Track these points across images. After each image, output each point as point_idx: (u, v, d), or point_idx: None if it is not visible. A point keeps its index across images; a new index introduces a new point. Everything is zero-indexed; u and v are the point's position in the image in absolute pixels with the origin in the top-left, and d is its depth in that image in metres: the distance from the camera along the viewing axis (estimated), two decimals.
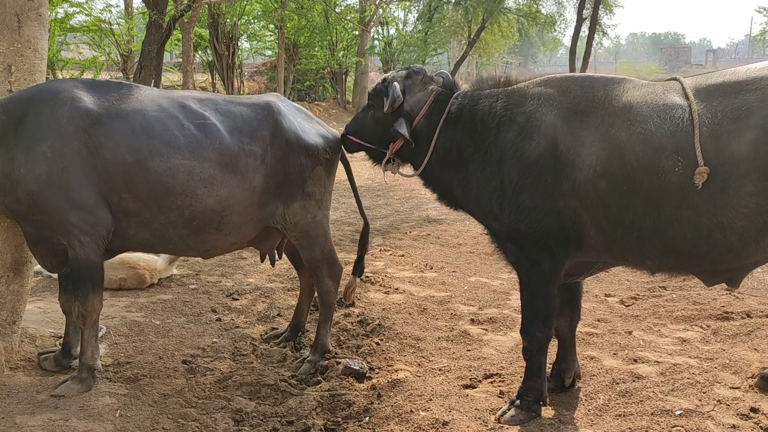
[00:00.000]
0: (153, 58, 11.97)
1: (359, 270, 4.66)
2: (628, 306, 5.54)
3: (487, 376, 4.11)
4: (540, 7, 26.20)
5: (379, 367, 4.31)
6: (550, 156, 3.28)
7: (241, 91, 23.06)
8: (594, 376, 4.06)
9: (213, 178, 3.90)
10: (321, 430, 3.64)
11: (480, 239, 7.85)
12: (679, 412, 3.52)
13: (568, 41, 25.97)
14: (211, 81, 23.50)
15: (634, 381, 3.93)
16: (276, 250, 4.65)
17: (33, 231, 3.86)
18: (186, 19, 13.64)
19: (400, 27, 30.28)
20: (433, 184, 3.86)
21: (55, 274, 4.25)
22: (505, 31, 27.68)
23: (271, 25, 24.72)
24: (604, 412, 3.62)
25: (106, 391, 3.87)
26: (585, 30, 22.43)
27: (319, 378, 4.23)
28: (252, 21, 24.55)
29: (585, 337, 4.65)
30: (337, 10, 25.23)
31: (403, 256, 7.07)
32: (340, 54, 26.70)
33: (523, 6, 26.54)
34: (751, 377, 3.91)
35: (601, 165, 3.17)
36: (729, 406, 3.62)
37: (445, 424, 3.47)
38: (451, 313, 5.29)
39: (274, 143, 4.10)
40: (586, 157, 3.21)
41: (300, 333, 4.86)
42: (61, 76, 15.94)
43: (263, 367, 4.37)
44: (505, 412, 3.55)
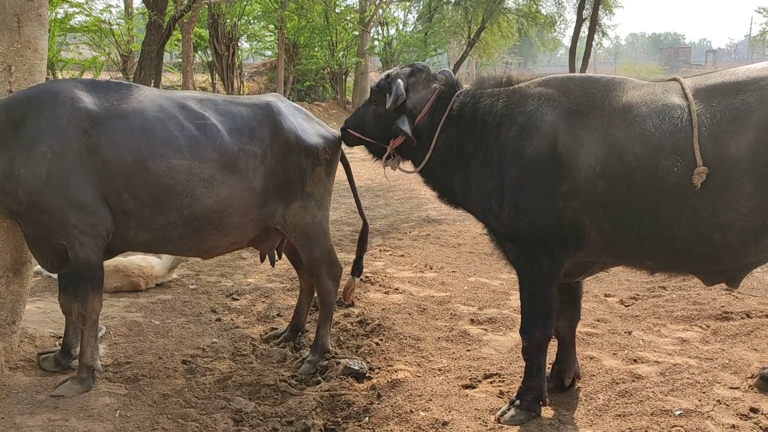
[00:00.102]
0: (153, 59, 11.98)
1: (358, 270, 4.67)
2: (627, 306, 5.54)
3: (486, 376, 4.11)
4: (540, 7, 26.21)
5: (379, 367, 4.31)
6: (550, 156, 3.28)
7: (241, 92, 23.05)
8: (594, 376, 4.06)
9: (213, 179, 3.90)
10: (321, 430, 3.65)
11: (480, 239, 7.85)
12: (678, 412, 3.52)
13: (567, 41, 26.02)
14: (210, 81, 23.50)
15: (634, 381, 3.93)
16: (276, 251, 4.65)
17: (33, 231, 3.86)
18: (186, 20, 13.66)
19: (400, 27, 30.30)
20: (433, 182, 3.86)
21: (54, 274, 4.25)
22: (504, 32, 27.68)
23: (271, 26, 24.72)
24: (604, 412, 3.62)
25: (105, 391, 3.87)
26: (585, 30, 22.46)
27: (319, 378, 4.23)
28: (252, 21, 24.54)
29: (585, 337, 4.65)
30: (336, 11, 25.22)
31: (402, 256, 7.07)
32: (340, 54, 26.69)
33: (522, 6, 26.54)
34: (751, 377, 3.91)
35: (601, 165, 3.18)
36: (728, 406, 3.62)
37: (444, 424, 3.47)
38: (451, 314, 5.29)
39: (274, 143, 4.10)
40: (585, 158, 3.21)
41: (300, 333, 4.87)
42: (61, 77, 15.95)
43: (263, 368, 4.37)
44: (504, 412, 3.54)
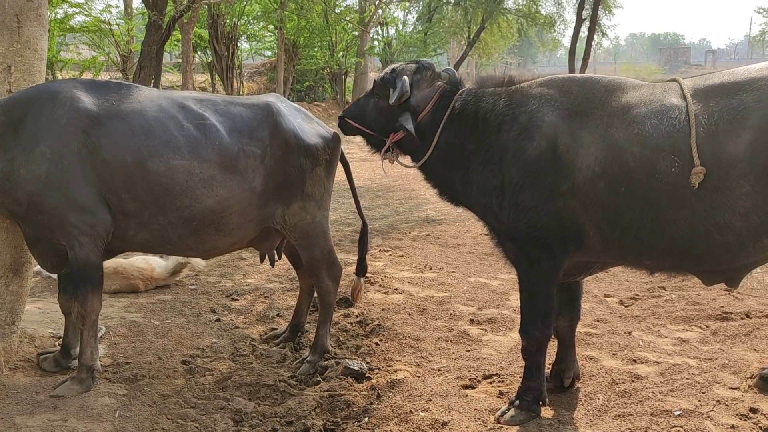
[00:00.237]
0: (152, 59, 11.99)
1: (362, 270, 4.67)
2: (627, 306, 5.54)
3: (486, 377, 4.11)
4: (539, 7, 26.24)
5: (379, 368, 4.31)
6: (550, 156, 3.28)
7: (241, 92, 23.04)
8: (593, 376, 4.06)
9: (212, 179, 3.90)
10: (320, 430, 3.64)
11: (479, 240, 7.85)
12: (678, 413, 3.53)
13: (567, 42, 26.02)
14: (210, 81, 23.49)
15: (634, 381, 3.93)
16: (275, 251, 4.65)
17: (32, 232, 3.86)
18: (185, 20, 13.66)
19: (400, 27, 30.32)
20: (434, 179, 3.87)
21: (54, 274, 4.25)
22: (504, 32, 27.68)
23: (271, 26, 24.72)
24: (604, 413, 3.62)
25: (105, 391, 3.87)
26: (584, 30, 22.48)
27: (319, 378, 4.23)
28: (251, 21, 24.54)
29: (584, 337, 4.65)
30: (336, 11, 25.20)
31: (402, 256, 7.07)
32: (340, 54, 26.68)
33: (522, 6, 26.56)
34: (751, 377, 3.91)
35: (600, 165, 3.19)
36: (728, 406, 3.62)
37: (444, 424, 3.47)
38: (451, 314, 5.29)
39: (273, 144, 4.10)
40: (585, 158, 3.22)
41: (299, 333, 4.86)
42: (60, 77, 15.95)
43: (262, 368, 4.37)
44: (504, 413, 3.54)
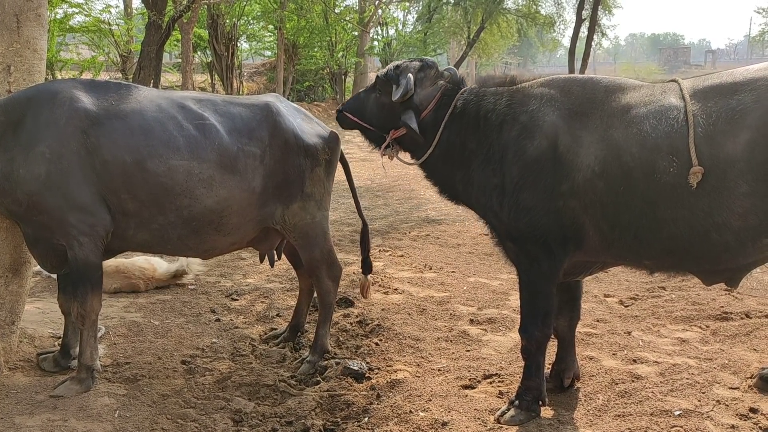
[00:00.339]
0: (152, 59, 11.99)
1: (367, 268, 4.68)
2: (627, 306, 5.54)
3: (486, 377, 4.11)
4: (539, 7, 26.25)
5: (379, 368, 4.31)
6: (550, 156, 3.30)
7: (241, 92, 23.04)
8: (593, 376, 4.06)
9: (212, 179, 3.90)
10: (320, 430, 3.64)
11: (479, 240, 7.86)
12: (678, 413, 3.52)
13: (567, 42, 26.01)
14: (210, 81, 23.50)
15: (634, 381, 3.93)
16: (275, 251, 4.65)
17: (32, 232, 3.85)
18: (185, 20, 13.66)
19: (400, 28, 30.32)
20: (434, 177, 3.88)
21: (54, 274, 4.24)
22: (504, 32, 27.70)
23: (271, 26, 24.71)
24: (604, 413, 3.62)
25: (105, 391, 3.86)
26: (584, 30, 22.48)
27: (318, 378, 4.23)
28: (251, 21, 24.52)
29: (584, 337, 4.65)
30: (336, 11, 25.20)
31: (402, 256, 7.07)
32: (340, 54, 26.67)
33: (522, 6, 26.58)
34: (750, 377, 3.91)
35: (599, 165, 3.19)
36: (728, 406, 3.62)
37: (444, 424, 3.47)
38: (451, 314, 5.29)
39: (273, 144, 4.10)
40: (585, 158, 3.23)
41: (299, 333, 4.86)
42: (60, 77, 15.94)
43: (262, 368, 4.36)
44: (504, 413, 3.54)
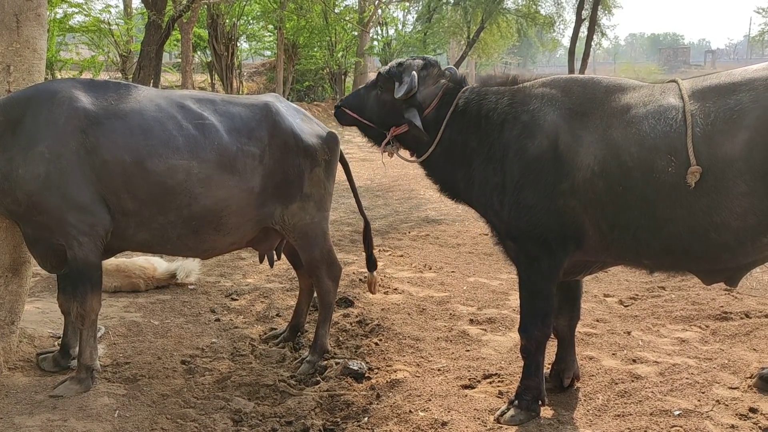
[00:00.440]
0: (152, 59, 11.99)
1: (372, 265, 4.70)
2: (627, 306, 5.54)
3: (486, 377, 4.11)
4: (539, 7, 26.24)
5: (378, 368, 4.31)
6: (551, 155, 3.31)
7: (240, 92, 23.04)
8: (593, 376, 4.06)
9: (211, 179, 3.89)
10: (320, 430, 3.64)
11: (479, 239, 7.86)
12: (677, 413, 3.53)
13: (567, 42, 25.99)
14: (210, 81, 23.49)
15: (633, 381, 3.93)
16: (275, 251, 4.65)
17: (32, 232, 3.85)
18: (185, 20, 13.65)
19: (399, 27, 30.29)
20: (435, 175, 3.88)
21: (54, 274, 4.24)
22: (504, 32, 27.69)
23: (270, 26, 24.71)
24: (603, 413, 3.62)
25: (104, 391, 3.86)
26: (584, 30, 22.47)
27: (318, 378, 4.23)
28: (251, 21, 24.52)
29: (584, 337, 4.65)
30: (336, 11, 25.19)
31: (402, 256, 7.07)
32: (339, 54, 26.66)
33: (522, 6, 26.57)
34: (750, 377, 3.91)
35: (599, 165, 3.21)
36: (728, 406, 3.62)
37: (443, 424, 3.47)
38: (450, 314, 5.29)
39: (272, 144, 4.09)
40: (584, 157, 3.24)
41: (299, 333, 4.86)
42: (59, 77, 15.93)
43: (262, 368, 4.36)
44: (504, 412, 3.54)
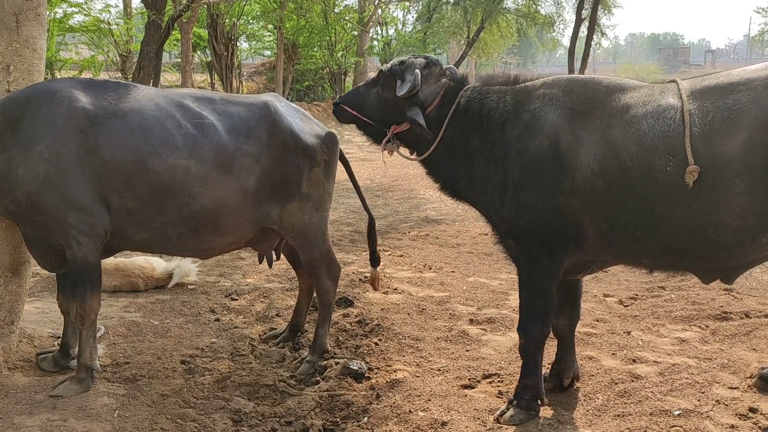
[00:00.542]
0: (152, 59, 11.98)
1: (375, 261, 4.70)
2: (626, 306, 5.54)
3: (485, 376, 4.11)
4: (539, 7, 26.23)
5: (378, 368, 4.31)
6: (551, 154, 3.32)
7: (240, 92, 23.03)
8: (593, 376, 4.06)
9: (209, 178, 3.89)
10: (320, 430, 3.64)
11: (479, 239, 7.86)
12: (677, 412, 3.53)
13: (567, 42, 25.97)
14: (210, 81, 23.49)
15: (633, 381, 3.93)
16: (274, 252, 4.65)
17: (31, 232, 3.85)
18: (185, 19, 13.65)
19: (399, 27, 30.25)
20: (436, 174, 3.89)
21: (54, 273, 4.24)
22: (504, 32, 27.68)
23: (270, 26, 24.70)
24: (603, 412, 3.62)
25: (104, 391, 3.86)
26: (584, 30, 22.46)
27: (318, 378, 4.22)
28: (251, 21, 24.52)
29: (584, 337, 4.65)
30: (336, 11, 25.19)
31: (401, 256, 7.07)
32: (339, 54, 26.65)
33: (522, 6, 26.55)
34: (750, 377, 3.91)
35: (598, 164, 3.22)
36: (728, 406, 3.62)
37: (443, 424, 3.47)
38: (450, 314, 5.29)
39: (270, 143, 4.09)
40: (584, 157, 3.25)
41: (299, 333, 4.86)
42: (59, 76, 15.93)
43: (262, 368, 4.36)
44: (503, 412, 3.54)
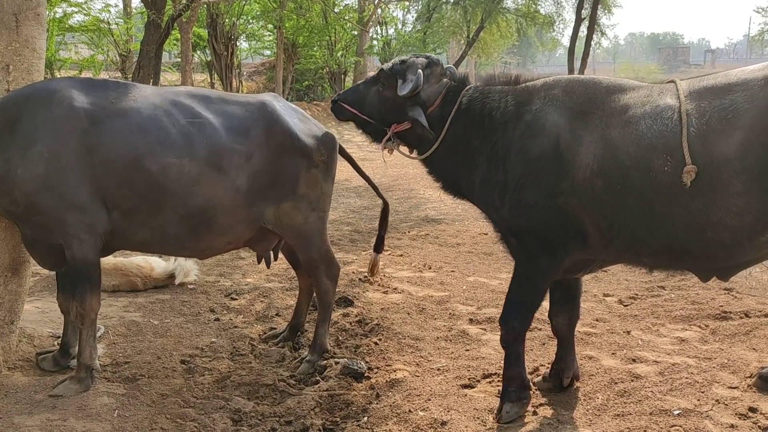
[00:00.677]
0: (151, 58, 11.99)
1: (379, 247, 4.68)
2: (626, 306, 5.54)
3: (485, 376, 4.11)
4: (538, 7, 26.23)
5: (378, 367, 4.31)
6: (552, 154, 3.34)
7: (240, 91, 23.03)
8: (593, 375, 4.06)
9: (204, 177, 3.88)
10: (319, 429, 3.64)
11: (478, 239, 7.86)
12: (677, 412, 3.53)
13: (566, 41, 25.97)
14: (209, 81, 23.48)
15: (633, 381, 3.93)
16: (273, 252, 4.65)
17: (30, 232, 3.85)
18: (184, 19, 13.62)
19: (399, 27, 30.22)
20: (437, 173, 3.90)
21: (54, 271, 4.24)
22: (503, 31, 27.67)
23: (270, 25, 24.67)
24: (603, 412, 3.62)
25: (104, 391, 3.86)
26: (584, 30, 22.45)
27: (318, 378, 4.22)
28: (251, 21, 24.49)
29: (583, 336, 4.65)
30: (335, 10, 25.18)
31: (401, 255, 7.07)
32: (339, 54, 26.63)
33: (521, 6, 26.55)
34: (750, 377, 3.91)
35: (598, 164, 3.23)
36: (727, 405, 3.62)
37: (443, 423, 3.47)
38: (450, 313, 5.29)
39: (267, 143, 4.07)
40: (584, 157, 3.26)
41: (298, 333, 4.86)
42: (59, 76, 15.93)
43: (262, 367, 4.36)
44: (500, 411, 3.57)
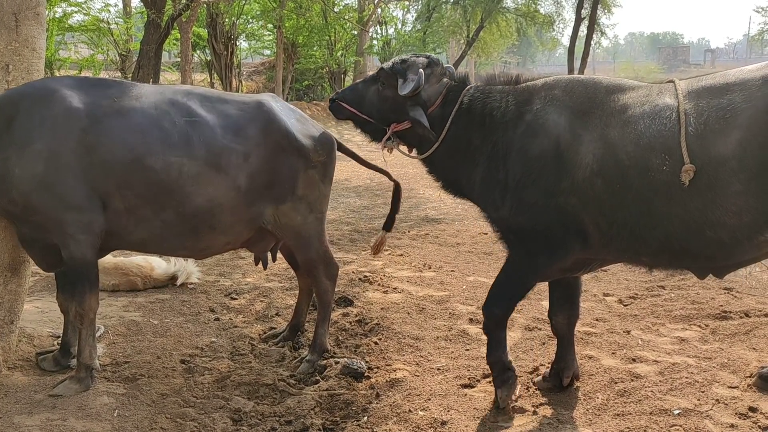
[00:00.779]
0: (151, 58, 11.99)
1: (389, 225, 4.65)
2: (626, 305, 5.54)
3: (485, 376, 4.11)
4: (538, 6, 26.23)
5: (378, 367, 4.31)
6: (552, 154, 3.35)
7: (240, 91, 23.03)
8: (592, 375, 4.06)
9: (202, 176, 3.88)
10: (319, 429, 3.64)
11: (478, 239, 7.86)
12: (677, 412, 3.53)
13: (566, 41, 25.97)
14: (209, 80, 23.48)
15: (633, 380, 3.93)
16: (271, 252, 4.65)
17: (28, 232, 3.84)
18: (184, 19, 13.62)
19: (399, 27, 30.23)
20: (438, 172, 3.91)
21: (51, 272, 4.23)
22: (503, 31, 27.67)
23: (270, 25, 24.68)
24: (603, 412, 3.62)
25: (104, 390, 3.86)
26: (583, 30, 22.45)
27: (318, 377, 4.23)
28: (250, 20, 24.52)
29: (583, 336, 4.65)
30: (335, 10, 25.18)
31: (401, 255, 7.07)
32: (339, 54, 26.63)
33: (521, 6, 26.55)
34: (750, 376, 3.92)
35: (597, 164, 3.24)
36: (727, 405, 3.62)
37: (443, 423, 3.47)
38: (450, 313, 5.29)
39: (263, 143, 4.07)
40: (584, 156, 3.28)
41: (298, 333, 4.86)
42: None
43: (261, 367, 4.36)
44: (496, 401, 3.65)
